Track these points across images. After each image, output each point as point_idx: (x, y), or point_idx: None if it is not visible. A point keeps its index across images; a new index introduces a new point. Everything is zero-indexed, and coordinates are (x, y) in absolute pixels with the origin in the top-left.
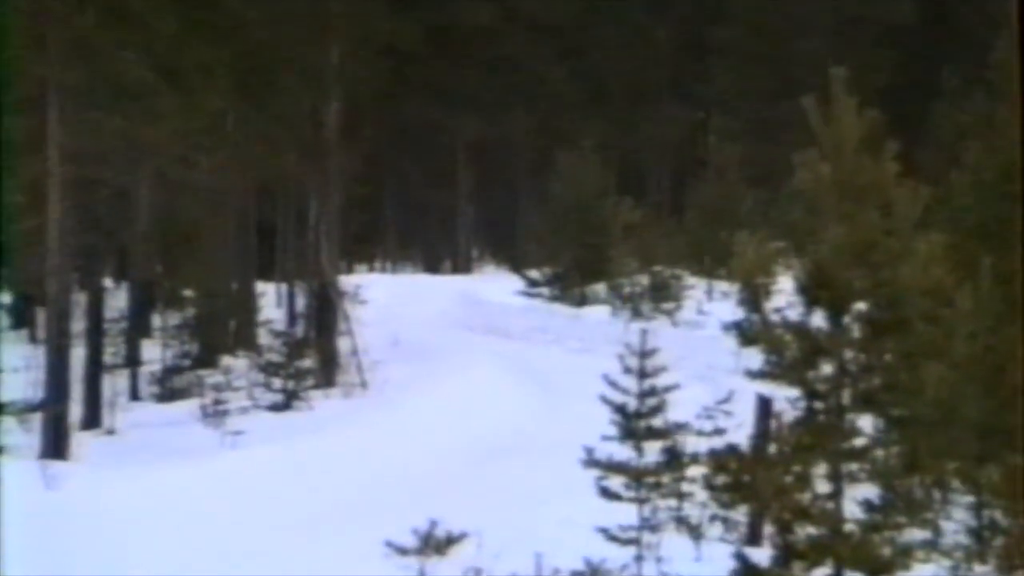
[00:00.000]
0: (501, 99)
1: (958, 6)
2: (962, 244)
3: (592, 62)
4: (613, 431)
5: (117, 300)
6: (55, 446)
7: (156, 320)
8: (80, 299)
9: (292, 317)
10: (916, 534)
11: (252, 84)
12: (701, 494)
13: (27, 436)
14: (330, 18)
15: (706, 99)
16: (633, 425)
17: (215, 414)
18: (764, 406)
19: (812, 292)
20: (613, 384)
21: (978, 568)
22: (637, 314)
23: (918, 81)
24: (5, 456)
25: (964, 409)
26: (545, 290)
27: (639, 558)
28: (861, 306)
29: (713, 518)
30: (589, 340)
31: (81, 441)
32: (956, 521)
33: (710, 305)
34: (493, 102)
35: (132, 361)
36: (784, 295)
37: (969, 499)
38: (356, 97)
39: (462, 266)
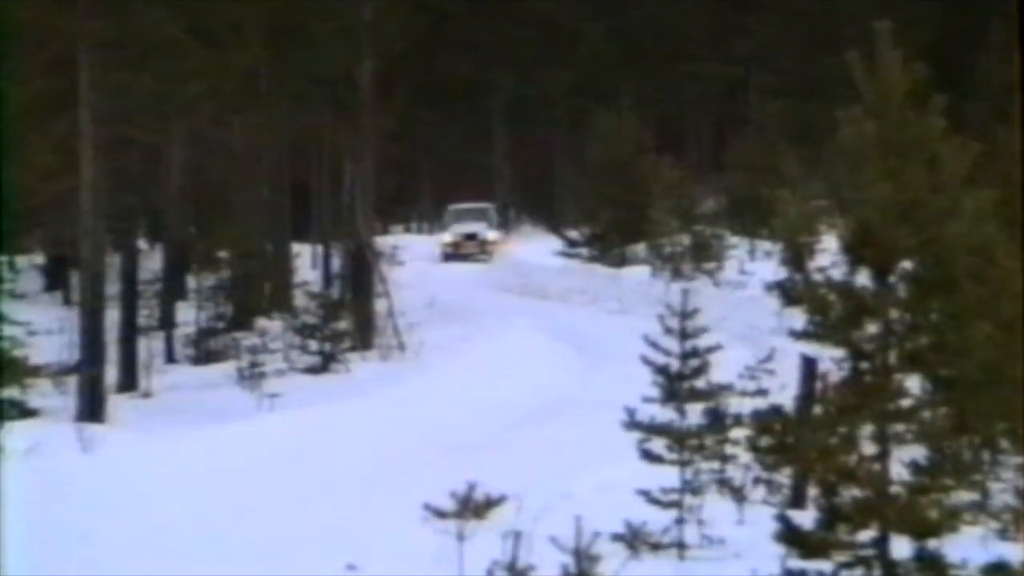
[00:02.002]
0: (537, 57)
1: None
2: (1010, 200)
3: (630, 18)
4: (654, 393)
5: (151, 262)
6: (91, 409)
7: (190, 282)
8: (114, 261)
9: (328, 279)
10: (964, 496)
11: (284, 42)
12: (744, 456)
13: (63, 399)
14: None
15: (746, 55)
16: (675, 387)
17: (251, 377)
18: (808, 367)
19: (857, 251)
20: (654, 345)
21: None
22: (678, 274)
23: (965, 34)
24: (41, 419)
25: (1012, 369)
26: (584, 250)
27: (680, 521)
28: (907, 265)
29: (756, 481)
30: (628, 301)
31: (117, 404)
32: (1004, 482)
33: (752, 265)
34: (529, 60)
35: (167, 323)
36: (828, 254)
37: (1018, 460)
38: (390, 55)
39: (499, 226)
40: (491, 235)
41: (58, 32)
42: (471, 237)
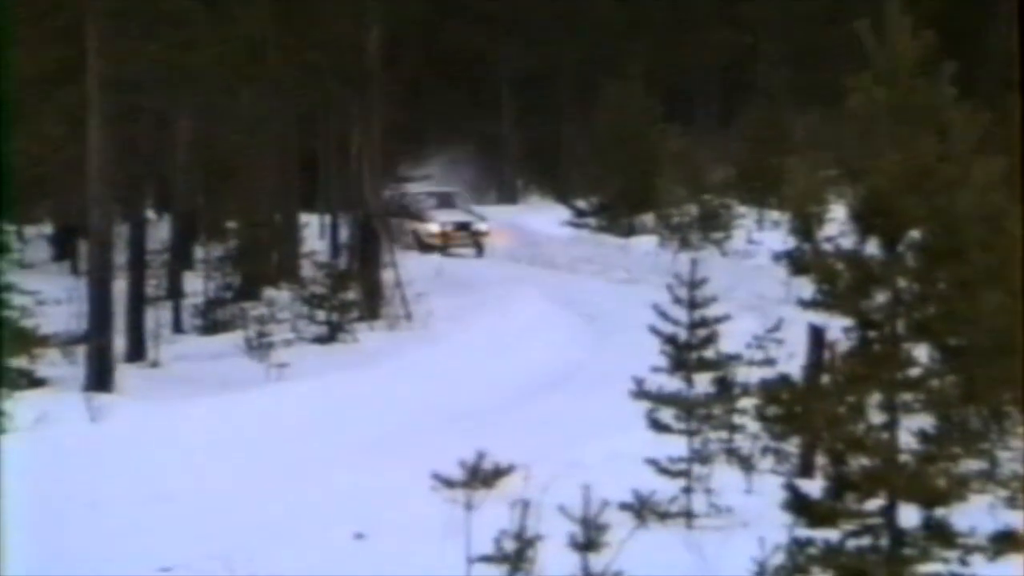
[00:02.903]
0: (545, 26)
1: None
2: (1019, 169)
3: None
4: (663, 363)
5: (159, 232)
6: (99, 378)
7: (198, 252)
8: (121, 231)
9: (335, 249)
10: (972, 465)
11: (292, 10)
12: (752, 426)
13: (71, 369)
14: None
15: (754, 22)
16: (683, 356)
17: (259, 346)
18: (816, 336)
19: (866, 220)
20: (663, 315)
21: None
22: (686, 244)
23: (973, 2)
24: (49, 389)
25: (1021, 337)
26: (592, 220)
27: (688, 490)
28: (916, 234)
29: (764, 450)
30: (637, 270)
31: (125, 373)
32: (1013, 451)
33: (760, 234)
34: (537, 29)
35: (175, 293)
36: (837, 223)
37: None
38: (398, 24)
39: (507, 196)
40: (484, 226)
41: (65, 1)
42: (463, 227)
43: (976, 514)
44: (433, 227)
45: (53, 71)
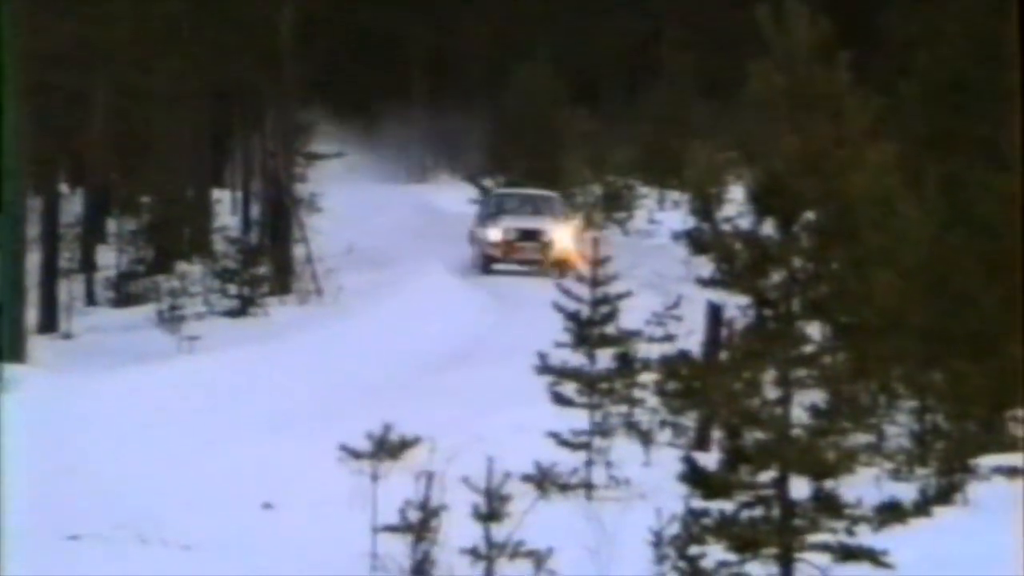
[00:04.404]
0: (456, 10)
1: None
2: (911, 153)
3: None
4: (566, 338)
5: (72, 206)
6: (12, 349)
7: (112, 226)
8: (35, 204)
9: (247, 224)
10: (860, 439)
11: None
12: (652, 400)
13: None
14: None
15: (659, 8)
16: (586, 332)
17: (171, 319)
18: (714, 314)
19: (763, 201)
20: (566, 292)
21: (919, 471)
22: (589, 223)
23: None
24: None
25: (910, 316)
26: None
27: (589, 463)
28: (811, 215)
29: (663, 424)
30: None
31: (38, 345)
32: (900, 425)
33: (661, 214)
34: (448, 13)
35: (88, 266)
36: (735, 204)
37: (913, 404)
38: (311, 4)
39: (416, 176)
40: (558, 234)
41: None
42: (530, 236)
43: (863, 486)
44: (493, 233)
45: None
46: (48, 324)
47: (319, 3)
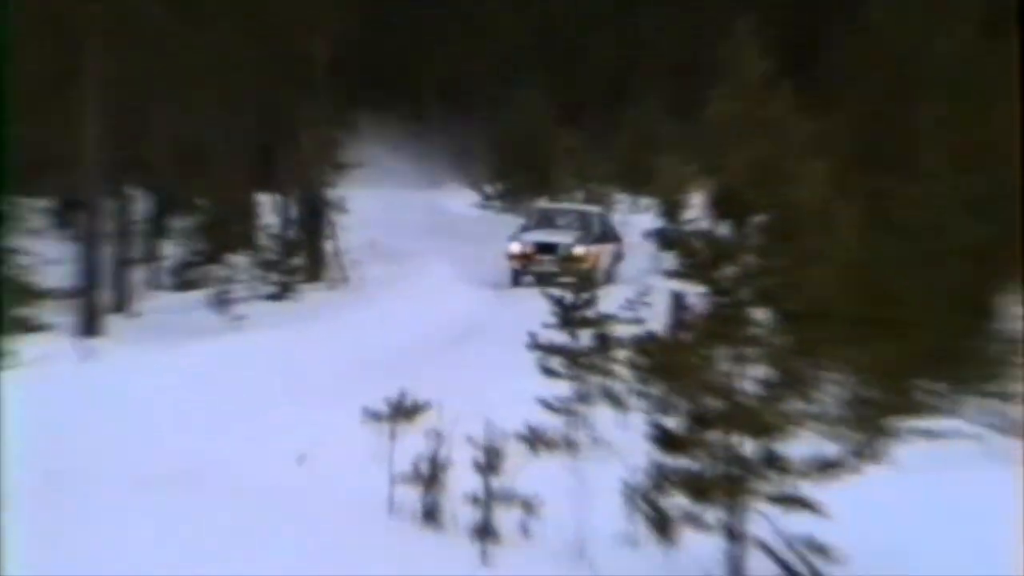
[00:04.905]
0: (463, 45)
1: None
2: (841, 169)
3: (540, 10)
4: (553, 320)
5: (140, 206)
6: (89, 326)
7: (174, 223)
8: (110, 205)
9: (286, 223)
10: (799, 406)
11: (254, 26)
12: (625, 373)
13: (66, 317)
14: None
15: (635, 43)
16: (569, 315)
17: (221, 302)
18: (677, 300)
19: (719, 207)
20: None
21: (850, 434)
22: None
23: (811, 32)
24: (48, 334)
25: (841, 304)
26: (497, 203)
27: (573, 425)
28: (759, 219)
29: (634, 392)
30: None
31: (112, 322)
32: (832, 395)
33: (634, 217)
34: (456, 49)
35: (153, 257)
36: (696, 209)
37: (842, 377)
38: (342, 39)
39: (429, 183)
40: (579, 249)
41: (65, 16)
42: (547, 249)
43: (801, 446)
44: (513, 247)
45: (55, 75)
46: (120, 305)
47: (349, 38)
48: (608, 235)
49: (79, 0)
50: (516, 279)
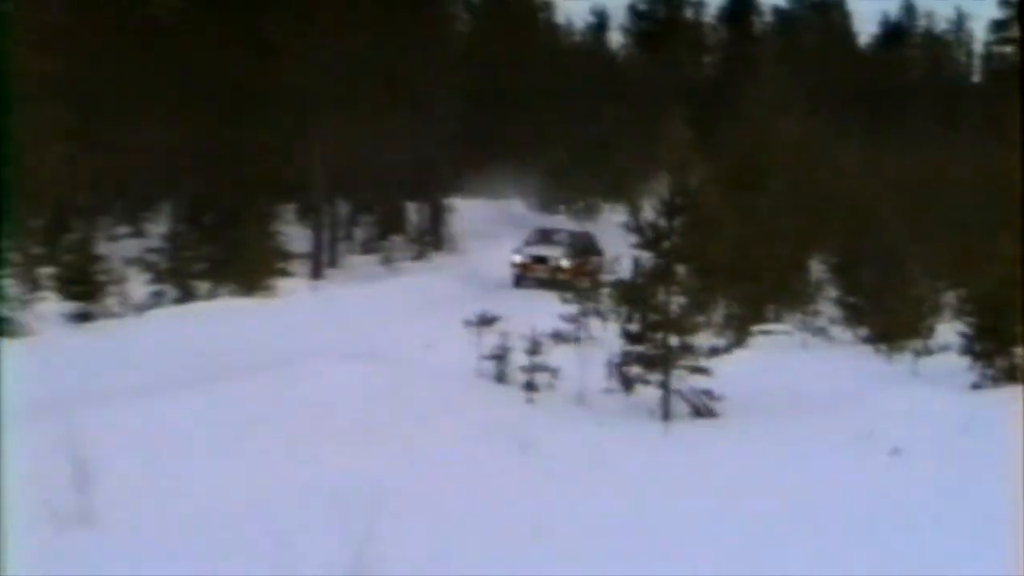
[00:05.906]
0: (527, 115)
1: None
2: (727, 190)
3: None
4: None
5: (344, 209)
6: (316, 273)
7: (362, 219)
8: (328, 208)
9: (422, 218)
10: (702, 318)
11: (395, 96)
12: (608, 301)
13: (304, 269)
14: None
15: (609, 118)
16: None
17: (387, 260)
18: (636, 262)
19: (660, 208)
20: None
21: (727, 332)
22: (579, 217)
23: (714, 116)
24: (295, 279)
25: (725, 263)
26: (539, 209)
27: (577, 329)
28: (682, 216)
29: (613, 312)
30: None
31: (328, 272)
32: (719, 313)
33: (613, 216)
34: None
35: (349, 237)
36: (649, 210)
37: (725, 303)
38: (460, 107)
39: (501, 195)
40: (564, 262)
41: (295, 91)
42: (540, 260)
43: (705, 339)
44: (516, 257)
45: (282, 143)
46: (333, 262)
47: (457, 103)
48: (589, 250)
49: (309, 84)
50: (517, 283)
